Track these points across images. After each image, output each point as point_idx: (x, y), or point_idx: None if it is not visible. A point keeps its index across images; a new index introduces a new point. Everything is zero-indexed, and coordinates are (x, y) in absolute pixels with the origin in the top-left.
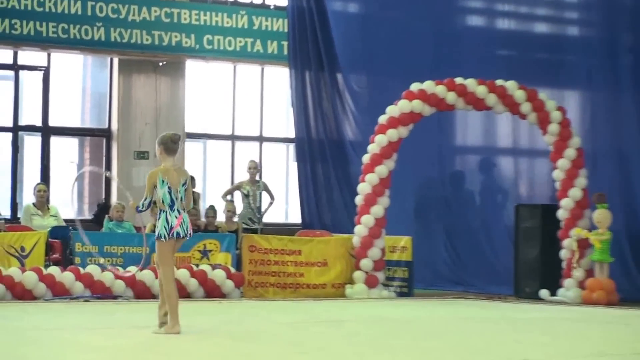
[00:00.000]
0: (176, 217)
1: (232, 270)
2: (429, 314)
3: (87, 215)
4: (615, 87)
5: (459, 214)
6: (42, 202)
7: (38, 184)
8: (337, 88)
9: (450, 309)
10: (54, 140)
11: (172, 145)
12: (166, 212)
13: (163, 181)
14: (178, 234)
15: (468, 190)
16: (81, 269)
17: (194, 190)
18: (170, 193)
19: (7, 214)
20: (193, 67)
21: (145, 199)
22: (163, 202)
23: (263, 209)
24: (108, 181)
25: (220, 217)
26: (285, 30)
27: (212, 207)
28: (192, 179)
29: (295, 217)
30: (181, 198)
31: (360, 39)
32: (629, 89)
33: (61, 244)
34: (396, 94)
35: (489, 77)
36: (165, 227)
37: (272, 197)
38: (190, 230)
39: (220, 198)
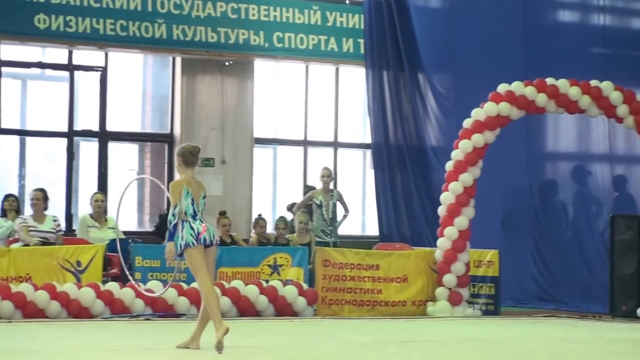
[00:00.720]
0: (200, 225)
1: (305, 286)
2: (517, 334)
3: (148, 227)
4: None
5: (549, 225)
6: (100, 212)
7: (95, 193)
8: (419, 89)
9: (540, 328)
10: (112, 146)
11: (191, 158)
12: (189, 221)
13: (187, 192)
14: (205, 239)
15: (559, 199)
16: (141, 285)
17: None
18: (193, 204)
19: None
20: (262, 67)
21: (176, 207)
22: (186, 212)
23: (337, 220)
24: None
25: (291, 229)
26: (362, 26)
27: (282, 219)
28: None
29: (373, 229)
30: (201, 210)
31: (445, 36)
32: None
33: (120, 258)
34: (482, 95)
35: (582, 77)
36: (191, 234)
37: (346, 209)
38: (216, 238)
39: (291, 212)
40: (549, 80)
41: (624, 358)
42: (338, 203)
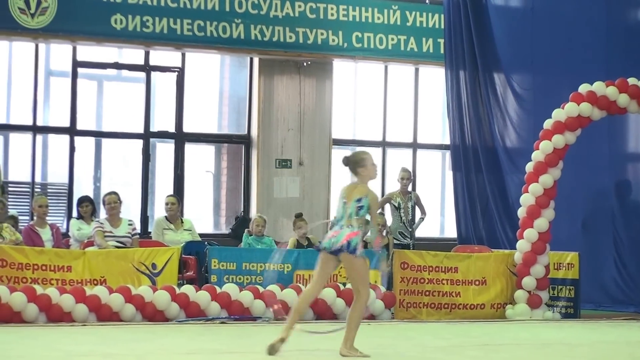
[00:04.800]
0: (335, 231)
1: (382, 289)
2: (597, 338)
3: (224, 229)
4: None
5: (631, 227)
6: (173, 215)
7: (167, 196)
8: (494, 89)
9: (621, 331)
10: (189, 148)
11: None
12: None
13: (342, 196)
14: (323, 245)
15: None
16: (217, 288)
17: None
18: (342, 208)
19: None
20: (341, 68)
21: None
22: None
23: (415, 223)
24: (247, 192)
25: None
26: (441, 26)
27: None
28: None
29: (451, 231)
30: (350, 214)
31: (524, 36)
32: None
33: (196, 260)
34: (562, 96)
35: None
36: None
37: (423, 212)
38: (335, 247)
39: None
40: (631, 81)
41: None
42: (416, 205)
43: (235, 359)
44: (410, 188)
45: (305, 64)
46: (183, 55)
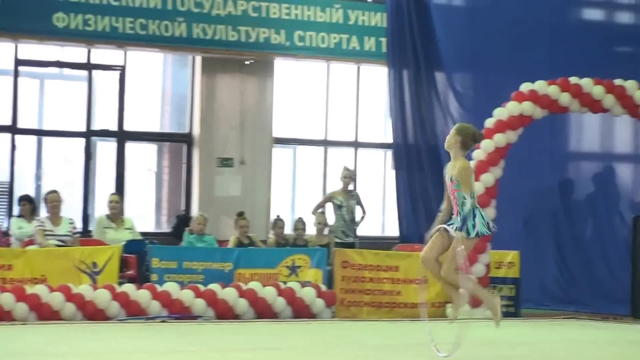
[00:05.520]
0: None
1: (323, 288)
2: (537, 337)
3: (166, 228)
4: None
5: (571, 226)
6: (116, 213)
7: (111, 194)
8: (436, 88)
9: (561, 330)
10: (130, 146)
11: (470, 143)
12: (479, 208)
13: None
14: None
15: (582, 200)
16: (158, 287)
17: None
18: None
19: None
20: (282, 66)
21: (474, 195)
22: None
23: (357, 221)
24: (189, 191)
25: (310, 230)
26: (384, 25)
27: (300, 219)
28: None
29: (393, 230)
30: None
31: (466, 35)
32: None
33: (137, 259)
34: (505, 94)
35: (606, 76)
36: (483, 224)
37: (363, 211)
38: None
39: (310, 213)
40: (573, 79)
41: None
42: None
43: (176, 357)
44: (352, 187)
45: (247, 62)
46: (125, 53)
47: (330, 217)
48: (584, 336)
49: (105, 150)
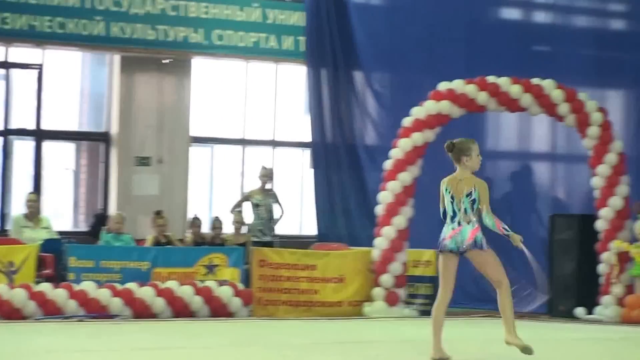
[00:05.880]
0: (452, 229)
1: (240, 286)
2: (455, 335)
3: (83, 227)
4: None
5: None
6: (33, 212)
7: (29, 193)
8: (354, 87)
9: (478, 329)
10: (48, 145)
11: (449, 154)
12: (446, 224)
13: (447, 190)
14: (446, 246)
15: (499, 199)
16: (75, 286)
17: None
18: (452, 203)
19: None
20: (201, 65)
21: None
22: (444, 213)
23: (274, 220)
24: (106, 190)
25: (227, 229)
26: (303, 24)
27: (218, 218)
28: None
29: (310, 229)
30: (466, 209)
31: (384, 34)
32: None
33: (54, 258)
34: (422, 94)
35: (524, 75)
36: (440, 238)
37: (281, 210)
38: (463, 247)
39: (229, 212)
40: (490, 78)
41: (562, 358)
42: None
43: (93, 357)
44: (269, 186)
45: (165, 61)
46: (43, 52)
47: (248, 216)
48: (499, 334)
49: (23, 149)
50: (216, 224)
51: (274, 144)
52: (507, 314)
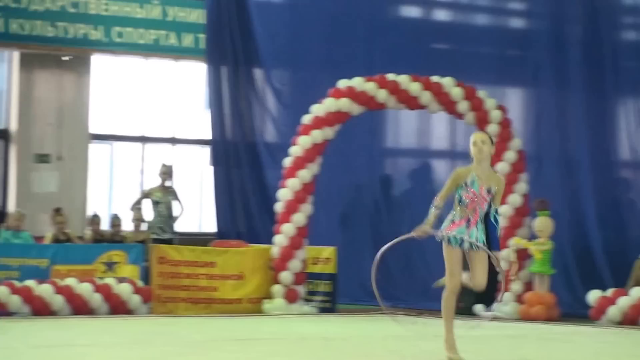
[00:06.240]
0: (461, 219)
1: (140, 284)
2: (354, 332)
3: None
4: (562, 85)
5: (388, 222)
6: None
7: None
8: (254, 85)
9: (377, 326)
10: None
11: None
12: (453, 212)
13: (474, 182)
14: (451, 239)
15: (399, 196)
16: None
17: None
18: (467, 195)
19: None
20: (101, 62)
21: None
22: (460, 201)
23: (174, 217)
24: (5, 187)
25: (127, 226)
26: (203, 21)
27: (117, 216)
28: None
29: (210, 226)
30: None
31: (285, 31)
32: (577, 87)
33: None
34: (322, 91)
35: (424, 73)
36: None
37: (181, 207)
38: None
39: (128, 209)
40: (390, 76)
41: (461, 355)
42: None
43: None
44: (169, 183)
45: (65, 58)
46: None
47: (148, 214)
48: (398, 331)
49: None
50: (115, 221)
51: (174, 141)
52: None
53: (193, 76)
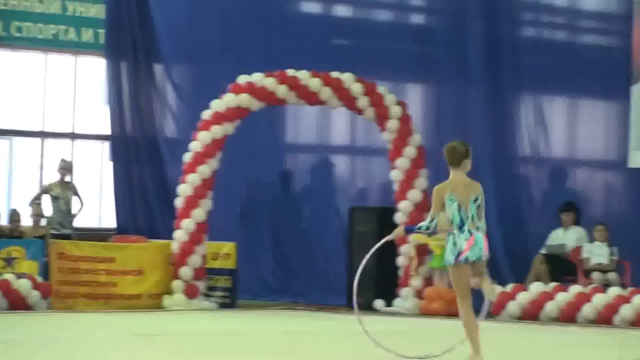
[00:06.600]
0: (466, 239)
1: (39, 279)
2: (253, 327)
3: None
4: (463, 81)
5: (289, 218)
6: None
7: None
8: (155, 81)
9: (277, 321)
10: None
11: (450, 157)
12: (453, 234)
13: (452, 198)
14: (467, 259)
15: (299, 191)
16: None
17: None
18: (459, 212)
19: None
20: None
21: (433, 220)
22: (452, 222)
23: (73, 213)
24: None
25: (26, 221)
26: (102, 16)
27: (16, 211)
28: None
29: (110, 222)
30: (472, 216)
31: (185, 27)
32: (477, 83)
33: None
34: (222, 87)
35: (324, 68)
36: (452, 252)
37: (81, 203)
38: (485, 251)
39: (27, 204)
40: (290, 72)
41: (360, 350)
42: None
43: None
44: (69, 178)
45: None
46: None
47: (47, 209)
48: (299, 326)
49: None
50: (14, 216)
51: (73, 136)
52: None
53: (93, 71)
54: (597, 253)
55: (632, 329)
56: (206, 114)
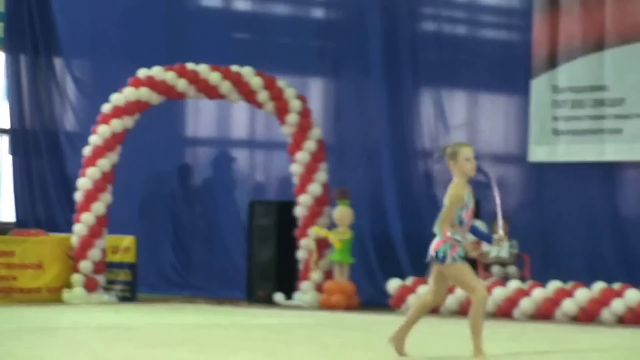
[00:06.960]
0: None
1: None
2: (153, 321)
3: None
4: (363, 75)
5: (188, 211)
6: None
7: None
8: (54, 74)
9: (176, 315)
10: None
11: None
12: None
13: (468, 198)
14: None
15: (200, 185)
16: None
17: None
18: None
19: None
20: None
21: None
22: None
23: None
24: None
25: None
26: (1, 9)
27: None
28: None
29: (8, 215)
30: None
31: (86, 20)
32: (378, 77)
33: None
34: (122, 80)
35: (224, 62)
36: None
37: None
38: (428, 258)
39: None
40: (190, 66)
41: (260, 344)
42: None
43: None
44: None
45: None
46: None
47: None
48: (198, 320)
49: None
50: None
51: None
52: (474, 332)
53: None
54: (497, 246)
55: (531, 322)
56: (106, 108)
